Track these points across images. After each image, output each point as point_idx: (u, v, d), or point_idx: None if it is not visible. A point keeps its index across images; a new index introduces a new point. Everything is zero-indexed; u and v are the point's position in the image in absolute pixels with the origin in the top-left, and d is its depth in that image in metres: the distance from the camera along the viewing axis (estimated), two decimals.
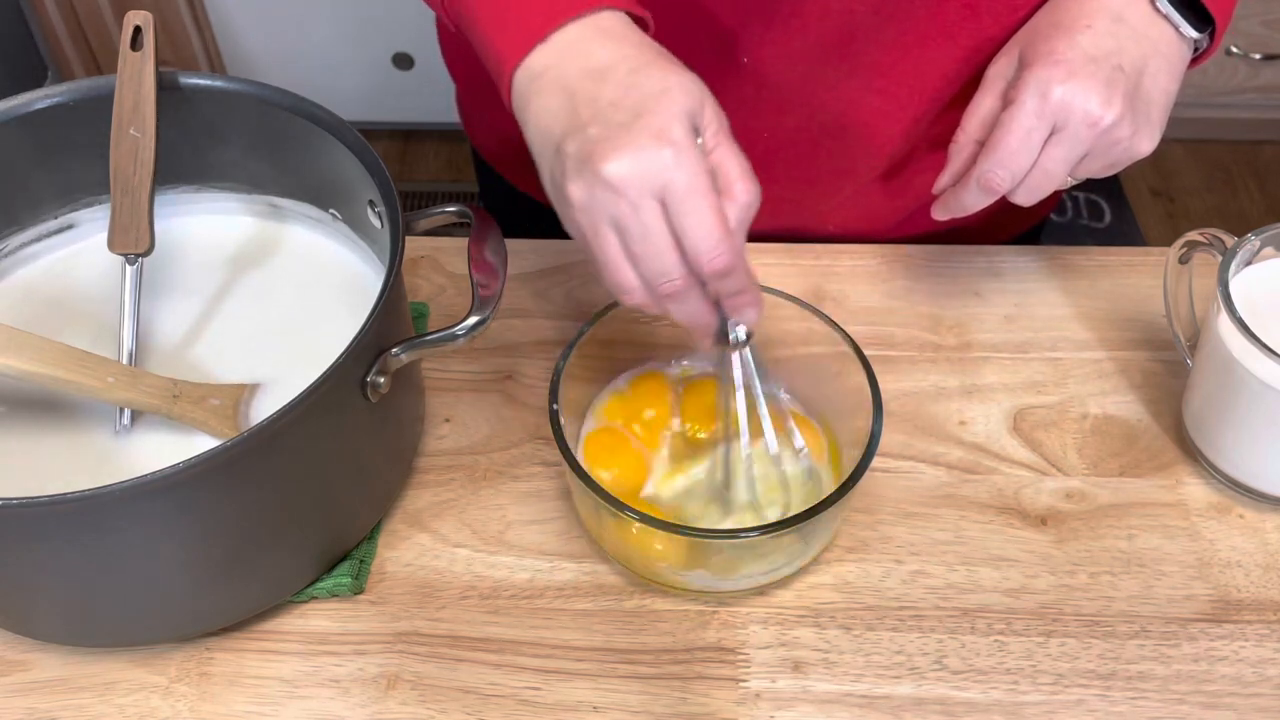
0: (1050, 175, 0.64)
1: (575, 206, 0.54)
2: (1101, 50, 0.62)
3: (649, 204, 0.53)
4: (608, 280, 0.56)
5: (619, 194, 0.52)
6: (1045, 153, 0.63)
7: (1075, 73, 0.62)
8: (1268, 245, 0.66)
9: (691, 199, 0.52)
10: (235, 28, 2.05)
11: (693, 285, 0.55)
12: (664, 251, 0.53)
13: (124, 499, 0.49)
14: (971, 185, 0.65)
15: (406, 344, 0.58)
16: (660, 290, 0.55)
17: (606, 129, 0.53)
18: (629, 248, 0.54)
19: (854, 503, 0.66)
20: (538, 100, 0.56)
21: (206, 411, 0.60)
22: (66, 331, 0.66)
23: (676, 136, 0.53)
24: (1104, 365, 0.75)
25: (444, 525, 0.66)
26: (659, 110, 0.53)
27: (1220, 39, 0.67)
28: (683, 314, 0.56)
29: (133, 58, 0.64)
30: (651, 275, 0.54)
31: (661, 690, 0.60)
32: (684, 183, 0.52)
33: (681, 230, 0.53)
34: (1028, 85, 0.63)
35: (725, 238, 0.53)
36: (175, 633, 0.61)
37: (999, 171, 0.63)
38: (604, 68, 0.55)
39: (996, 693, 0.59)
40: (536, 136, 0.57)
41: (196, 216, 0.73)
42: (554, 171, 0.56)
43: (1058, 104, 0.62)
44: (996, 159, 0.63)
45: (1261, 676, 0.60)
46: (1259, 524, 0.66)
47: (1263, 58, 2.04)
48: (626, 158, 0.52)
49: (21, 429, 0.61)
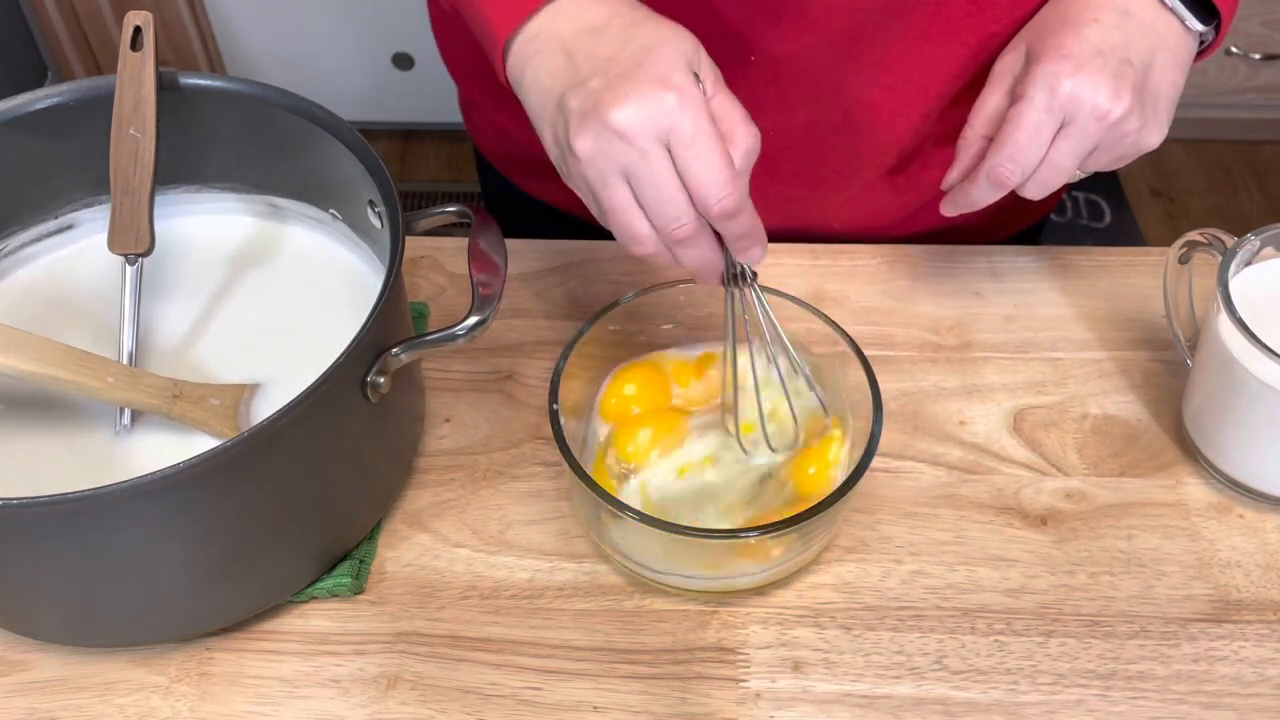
0: (1059, 169, 0.64)
1: (583, 160, 0.55)
2: (1109, 44, 0.63)
3: (657, 149, 0.53)
4: (618, 231, 0.56)
5: (628, 141, 0.53)
6: (1054, 147, 0.63)
7: (1083, 66, 0.62)
8: (1268, 245, 0.66)
9: (699, 142, 0.53)
10: (235, 28, 2.05)
11: (702, 229, 0.56)
12: (674, 196, 0.54)
13: (124, 499, 0.49)
14: (981, 180, 0.65)
15: (406, 344, 0.58)
16: (672, 235, 0.55)
17: (608, 79, 0.54)
18: (640, 195, 0.55)
19: (854, 503, 0.66)
20: (535, 62, 0.57)
21: (206, 411, 0.60)
22: (66, 331, 0.66)
23: (679, 82, 0.54)
24: (1104, 365, 0.75)
25: (444, 525, 0.66)
26: (659, 59, 0.54)
27: (1226, 32, 0.67)
28: (693, 258, 0.57)
29: (133, 58, 0.64)
30: (663, 221, 0.55)
31: (661, 690, 0.60)
32: (690, 126, 0.53)
33: (689, 173, 0.54)
34: (1036, 80, 0.63)
35: (733, 179, 0.54)
36: (175, 633, 0.61)
37: (1008, 165, 0.64)
38: (599, 25, 0.56)
39: (996, 693, 0.60)
40: (536, 97, 0.57)
41: (196, 216, 0.73)
42: (557, 129, 0.56)
43: (1066, 98, 0.62)
44: (1006, 153, 0.63)
45: (1261, 676, 0.60)
46: (1259, 524, 0.66)
47: (1263, 58, 2.04)
48: (632, 104, 0.53)
49: (21, 429, 0.61)
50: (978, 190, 0.66)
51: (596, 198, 0.56)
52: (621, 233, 0.56)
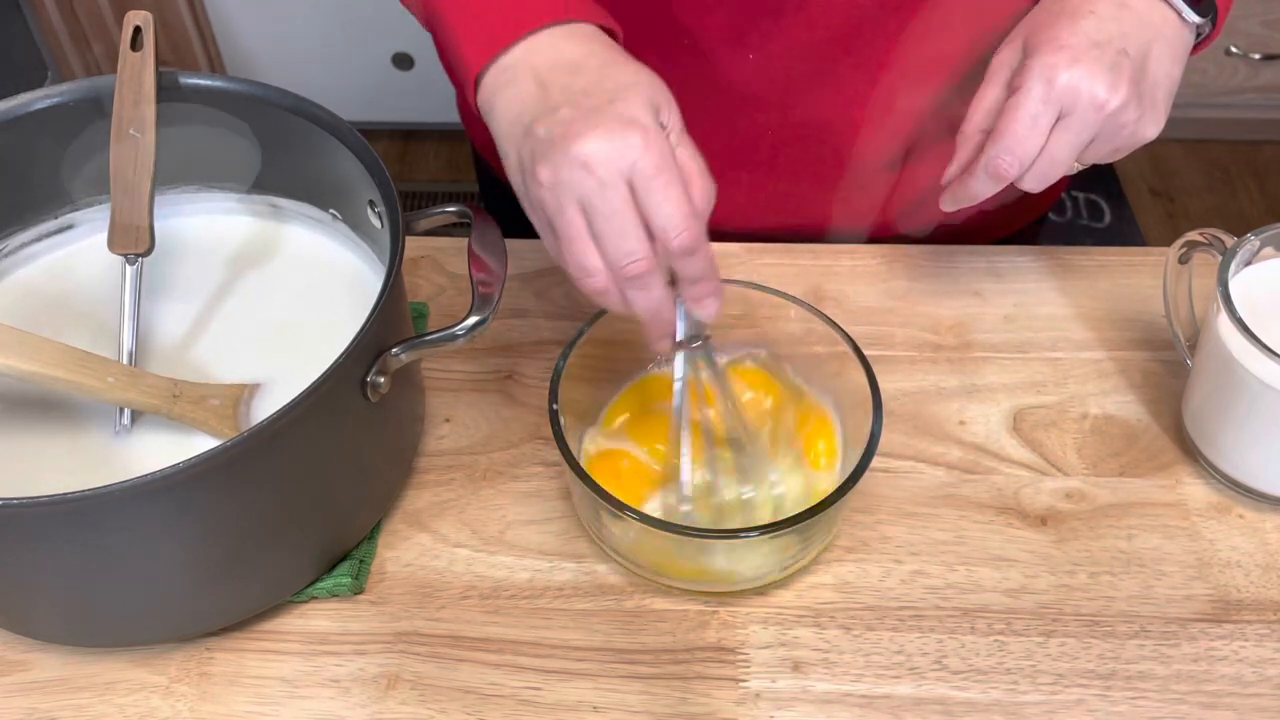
0: (1057, 161, 0.64)
1: (544, 185, 0.55)
2: (1105, 35, 0.63)
3: (618, 183, 0.54)
4: (570, 262, 0.56)
5: (589, 172, 0.54)
6: (1052, 138, 0.63)
7: (1080, 58, 0.62)
8: (1267, 245, 0.66)
9: (661, 177, 0.54)
10: (235, 28, 2.05)
11: (654, 270, 0.56)
12: (629, 231, 0.54)
13: (124, 499, 0.49)
14: (980, 173, 0.65)
15: (406, 344, 0.58)
16: (624, 272, 0.55)
17: (578, 111, 0.55)
18: (594, 227, 0.55)
19: (854, 503, 0.66)
20: (508, 90, 0.58)
21: (206, 411, 0.60)
22: (66, 331, 0.66)
23: (647, 123, 0.54)
24: (1104, 365, 0.75)
25: (444, 525, 0.66)
26: (629, 99, 0.55)
27: (1222, 24, 0.67)
28: (642, 301, 0.56)
29: (133, 58, 0.64)
30: (615, 256, 0.55)
31: (661, 690, 0.60)
32: (653, 163, 0.54)
33: (649, 206, 0.54)
34: (1033, 72, 0.63)
35: (693, 215, 0.54)
36: (175, 633, 0.61)
37: (1006, 158, 0.64)
38: (575, 61, 0.57)
39: (996, 693, 0.60)
40: (505, 124, 0.58)
41: (196, 216, 0.73)
42: (522, 153, 0.57)
43: (1063, 89, 0.62)
44: (1004, 145, 0.63)
45: (1261, 676, 0.60)
46: (1259, 524, 0.66)
47: (1262, 58, 2.04)
48: (598, 137, 0.53)
49: (21, 429, 0.61)
50: (976, 183, 0.66)
51: (552, 224, 0.56)
52: (574, 264, 0.56)
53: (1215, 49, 2.01)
